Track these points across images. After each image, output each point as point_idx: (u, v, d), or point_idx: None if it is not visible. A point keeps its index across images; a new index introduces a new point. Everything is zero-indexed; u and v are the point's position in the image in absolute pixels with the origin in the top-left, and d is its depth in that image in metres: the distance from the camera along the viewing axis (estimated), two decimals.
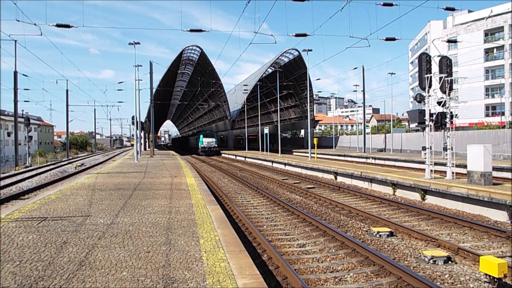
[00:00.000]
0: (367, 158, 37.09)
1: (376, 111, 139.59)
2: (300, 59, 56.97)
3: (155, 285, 4.84)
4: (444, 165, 17.34)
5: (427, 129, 16.38)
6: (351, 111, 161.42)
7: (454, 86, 16.81)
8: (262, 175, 26.48)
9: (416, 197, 15.74)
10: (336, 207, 14.32)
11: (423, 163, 20.43)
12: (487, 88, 58.78)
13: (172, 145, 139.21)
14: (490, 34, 58.35)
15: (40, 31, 19.59)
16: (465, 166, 15.93)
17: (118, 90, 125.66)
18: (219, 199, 16.16)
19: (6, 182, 22.58)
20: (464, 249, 8.44)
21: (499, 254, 8.46)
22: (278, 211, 13.71)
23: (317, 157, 36.23)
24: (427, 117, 16.23)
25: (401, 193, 16.88)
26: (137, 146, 33.37)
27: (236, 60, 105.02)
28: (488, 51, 58.37)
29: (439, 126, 16.39)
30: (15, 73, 36.35)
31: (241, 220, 11.98)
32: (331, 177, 23.76)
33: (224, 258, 5.83)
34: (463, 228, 10.77)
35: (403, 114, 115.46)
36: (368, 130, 48.92)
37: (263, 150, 49.45)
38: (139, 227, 7.84)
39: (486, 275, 6.58)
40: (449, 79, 15.98)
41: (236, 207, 13.77)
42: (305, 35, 22.01)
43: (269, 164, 37.01)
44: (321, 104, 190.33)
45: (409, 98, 79.10)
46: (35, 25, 19.20)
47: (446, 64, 16.18)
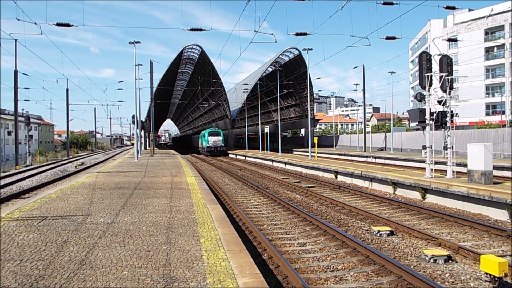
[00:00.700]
0: (367, 157, 37.07)
1: (376, 110, 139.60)
2: (301, 58, 56.95)
3: (155, 284, 4.84)
4: (445, 164, 17.33)
5: (427, 128, 16.36)
6: (351, 110, 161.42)
7: (455, 85, 16.79)
8: (262, 174, 26.47)
9: (417, 196, 15.73)
10: (337, 206, 14.32)
11: (423, 162, 20.42)
12: (488, 87, 58.75)
13: (173, 144, 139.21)
14: (490, 32, 58.30)
15: (41, 30, 19.65)
16: (465, 165, 15.93)
17: (119, 89, 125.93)
18: (219, 198, 16.16)
19: (6, 181, 22.58)
20: (464, 248, 8.44)
21: (500, 253, 8.46)
22: (279, 210, 13.71)
23: (318, 156, 36.23)
24: (427, 116, 16.22)
25: (401, 192, 16.88)
26: (137, 145, 33.37)
27: (236, 59, 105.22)
28: (488, 50, 58.31)
29: (439, 125, 16.37)
30: (16, 72, 36.35)
31: (242, 219, 11.98)
32: (331, 176, 23.76)
33: (225, 257, 5.83)
34: (463, 227, 10.76)
35: (403, 113, 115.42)
36: (369, 129, 48.79)
37: (263, 149, 49.44)
38: (139, 226, 7.84)
39: (487, 274, 6.58)
40: (449, 78, 15.96)
41: (237, 206, 13.78)
42: (306, 34, 21.98)
43: (270, 163, 37.00)
44: (322, 103, 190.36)
45: (409, 97, 79.11)
46: (35, 24, 19.24)
47: (446, 63, 16.16)
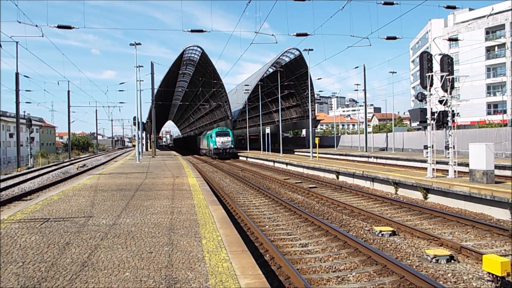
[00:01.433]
0: (368, 157, 37.05)
1: (377, 110, 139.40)
2: (301, 58, 56.91)
3: (157, 285, 4.85)
4: (446, 163, 17.31)
5: (428, 127, 16.35)
6: (352, 110, 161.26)
7: (456, 85, 16.79)
8: (263, 175, 26.48)
9: (418, 196, 15.71)
10: (338, 206, 14.32)
11: (425, 162, 20.40)
12: (489, 86, 58.64)
13: (174, 145, 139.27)
14: (491, 32, 58.21)
15: (41, 32, 19.64)
16: (467, 165, 15.92)
17: (120, 90, 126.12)
18: (221, 199, 16.17)
19: (8, 183, 22.62)
20: (466, 248, 8.43)
21: (502, 252, 8.44)
22: (280, 211, 13.71)
23: (319, 157, 36.21)
24: (428, 115, 16.21)
25: (403, 192, 16.86)
26: (138, 147, 33.39)
27: (237, 60, 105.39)
28: (489, 49, 58.21)
29: (440, 125, 16.36)
30: (17, 75, 36.42)
31: (243, 220, 11.99)
32: (333, 176, 23.75)
33: (227, 258, 5.84)
34: (465, 226, 10.75)
35: (404, 113, 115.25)
36: (370, 129, 48.78)
37: (264, 150, 49.41)
38: (141, 228, 7.85)
39: (489, 273, 6.57)
40: (450, 77, 15.95)
41: (238, 207, 13.78)
42: (306, 34, 22.00)
43: (271, 164, 37.00)
44: (323, 104, 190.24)
45: (410, 97, 79.00)
46: (36, 26, 19.25)
47: (447, 62, 16.15)
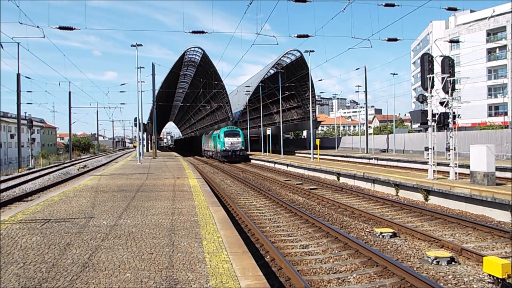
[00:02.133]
0: (369, 158, 37.03)
1: (378, 111, 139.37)
2: (302, 60, 56.92)
3: (158, 286, 4.85)
4: (447, 165, 17.30)
5: (429, 129, 16.35)
6: (353, 111, 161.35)
7: (457, 86, 16.77)
8: (264, 176, 26.47)
9: (419, 197, 15.70)
10: (339, 208, 14.31)
11: (425, 163, 20.39)
12: (490, 88, 58.63)
13: (175, 146, 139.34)
14: (492, 34, 58.21)
15: (43, 33, 19.69)
16: (468, 167, 15.90)
17: (121, 92, 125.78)
18: (221, 200, 16.17)
19: (9, 184, 22.64)
20: (467, 250, 8.42)
21: (503, 254, 8.43)
22: (281, 212, 13.71)
23: (320, 158, 36.20)
24: (429, 117, 16.20)
25: (404, 193, 16.85)
26: (139, 148, 33.43)
27: (238, 61, 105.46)
28: (490, 51, 58.22)
29: (441, 127, 16.35)
30: (18, 75, 36.45)
31: (244, 221, 11.99)
32: (333, 178, 23.74)
33: (227, 260, 5.84)
34: (466, 228, 10.74)
35: (405, 115, 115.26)
36: (371, 131, 48.86)
37: (265, 151, 49.43)
38: (142, 229, 7.85)
39: (490, 275, 6.56)
40: (451, 79, 15.95)
41: (239, 209, 13.78)
42: (307, 36, 22.02)
43: (272, 165, 36.99)
44: (323, 105, 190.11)
45: (411, 99, 79.00)
46: (38, 27, 19.29)
47: (448, 64, 16.15)
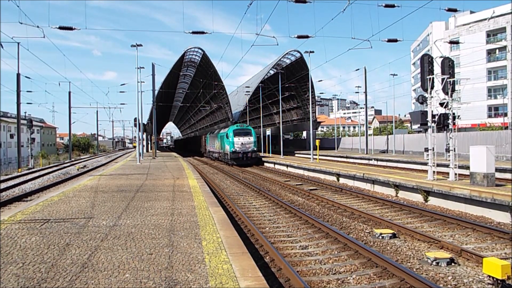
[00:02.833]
0: (369, 159, 37.03)
1: (378, 112, 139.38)
2: (302, 60, 56.92)
3: (157, 287, 4.85)
4: (447, 166, 17.30)
5: (429, 130, 16.35)
6: (353, 112, 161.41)
7: (457, 87, 16.77)
8: (264, 176, 26.46)
9: (419, 198, 15.70)
10: (339, 208, 14.31)
11: (425, 164, 20.39)
12: (490, 89, 58.67)
13: (175, 147, 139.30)
14: (492, 35, 58.25)
15: (43, 33, 19.66)
16: (467, 167, 15.90)
17: (121, 92, 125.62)
18: (221, 201, 16.16)
19: (9, 183, 22.63)
20: (467, 251, 8.41)
21: (503, 255, 8.42)
22: (281, 213, 13.70)
23: (319, 159, 36.19)
24: (429, 118, 16.20)
25: (403, 194, 16.85)
26: (139, 148, 33.41)
27: (238, 62, 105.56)
28: (490, 52, 58.25)
29: (441, 127, 16.34)
30: (18, 75, 36.43)
31: (244, 222, 11.98)
32: (333, 178, 23.73)
33: (227, 260, 5.84)
34: (466, 229, 10.74)
35: (405, 115, 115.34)
36: (370, 132, 48.84)
37: (265, 152, 49.44)
38: (141, 229, 7.85)
39: (490, 277, 6.56)
40: (451, 80, 15.95)
41: (239, 209, 13.77)
42: (307, 36, 22.02)
43: (271, 165, 36.98)
44: (323, 106, 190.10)
45: (411, 99, 79.01)
46: (38, 27, 19.27)
47: (448, 65, 16.15)
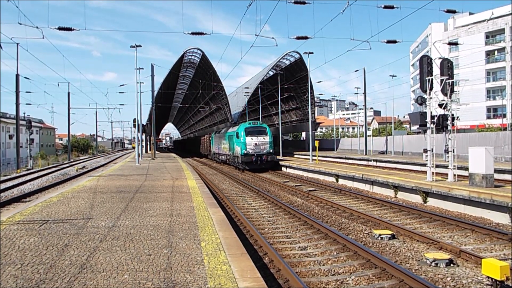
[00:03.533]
0: (368, 160, 37.04)
1: (377, 113, 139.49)
2: (301, 61, 56.97)
3: None
4: (446, 167, 17.31)
5: (428, 131, 16.36)
6: (352, 113, 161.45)
7: (456, 88, 16.78)
8: (263, 177, 26.45)
9: (418, 199, 15.71)
10: (338, 209, 14.31)
11: (424, 165, 20.40)
12: (489, 90, 58.74)
13: (174, 147, 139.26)
14: (491, 36, 58.35)
15: (42, 34, 19.66)
16: (466, 169, 15.91)
17: (120, 92, 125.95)
18: (220, 201, 16.15)
19: (7, 184, 22.60)
20: (466, 252, 8.42)
21: (501, 256, 8.43)
22: (280, 213, 13.69)
23: (319, 160, 36.19)
24: (428, 119, 16.22)
25: (402, 195, 16.85)
26: (138, 149, 33.39)
27: (237, 63, 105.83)
28: (489, 53, 58.35)
29: (440, 128, 16.37)
30: (17, 76, 36.43)
31: (243, 222, 11.98)
32: (332, 179, 23.73)
33: (226, 261, 5.83)
34: (465, 230, 10.74)
35: (404, 117, 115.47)
36: (370, 133, 48.85)
37: None
38: (140, 230, 7.84)
39: (488, 277, 6.56)
40: (450, 81, 15.97)
41: (238, 210, 13.77)
42: (306, 37, 22.02)
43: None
44: (323, 107, 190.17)
45: (410, 101, 79.07)
46: (37, 28, 19.27)
47: (447, 66, 16.17)
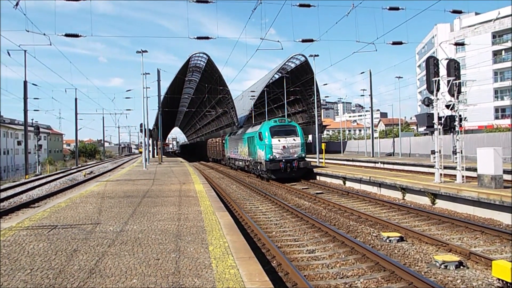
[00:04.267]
0: (375, 162, 36.87)
1: (384, 115, 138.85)
2: (307, 64, 57.04)
3: None
4: (454, 168, 17.18)
5: (435, 132, 16.27)
6: (358, 115, 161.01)
7: (463, 89, 16.68)
8: (270, 181, 26.40)
9: (426, 201, 15.60)
10: (345, 212, 14.25)
11: (432, 167, 20.27)
12: (496, 91, 58.30)
13: (181, 152, 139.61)
14: (498, 36, 57.96)
15: (49, 41, 19.87)
16: (475, 170, 15.78)
17: (126, 98, 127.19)
18: (227, 205, 16.15)
19: (16, 190, 22.79)
20: (476, 254, 8.34)
21: None
22: (287, 217, 13.67)
23: (325, 162, 36.11)
24: (435, 120, 16.13)
25: (410, 197, 16.75)
26: (145, 154, 33.53)
27: (243, 66, 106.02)
28: (496, 53, 57.95)
29: (448, 130, 16.27)
30: (25, 83, 36.80)
31: (250, 226, 11.97)
32: (339, 182, 23.65)
33: (234, 265, 5.82)
34: (474, 232, 10.64)
35: (411, 118, 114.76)
36: (376, 135, 48.68)
37: None
38: (148, 235, 7.86)
39: (499, 280, 6.50)
40: (457, 82, 15.87)
41: (245, 213, 13.76)
42: (312, 40, 22.03)
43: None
44: (329, 109, 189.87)
45: (417, 102, 78.69)
46: (44, 35, 19.47)
47: (454, 67, 16.08)
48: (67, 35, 19.48)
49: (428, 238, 9.82)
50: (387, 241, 9.95)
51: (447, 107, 16.20)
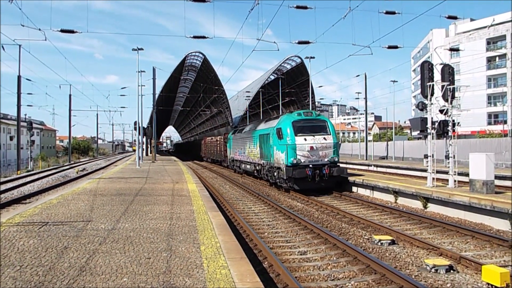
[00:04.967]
0: (369, 165, 37.00)
1: (378, 118, 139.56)
2: (303, 66, 57.14)
3: None
4: (446, 173, 17.29)
5: (429, 137, 16.35)
6: (353, 118, 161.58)
7: (456, 94, 16.78)
8: (263, 182, 26.41)
9: (418, 205, 15.68)
10: (338, 214, 14.29)
11: (425, 171, 20.37)
12: (490, 97, 58.80)
13: (174, 150, 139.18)
14: (492, 42, 58.49)
15: (45, 36, 19.75)
16: (467, 175, 15.88)
17: (121, 95, 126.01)
18: (220, 205, 16.13)
19: (7, 186, 22.60)
20: (466, 258, 8.39)
21: (502, 263, 8.40)
22: (280, 218, 13.68)
23: None
24: (429, 125, 16.21)
25: (403, 201, 16.82)
26: (139, 152, 33.39)
27: (239, 67, 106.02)
28: (490, 60, 58.45)
29: (441, 134, 16.35)
30: (19, 78, 36.55)
31: (242, 226, 11.96)
32: None
33: (225, 265, 5.82)
34: (465, 236, 10.72)
35: (405, 122, 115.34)
36: (370, 138, 48.78)
37: None
38: (140, 233, 7.83)
39: (488, 284, 6.55)
40: (451, 87, 15.97)
41: (238, 214, 13.75)
42: (308, 42, 22.08)
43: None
44: (323, 111, 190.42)
45: (411, 106, 79.13)
46: (39, 30, 19.35)
47: (448, 72, 16.18)
48: (62, 31, 19.36)
49: (420, 242, 9.87)
50: (379, 244, 9.99)
51: (441, 112, 16.29)
